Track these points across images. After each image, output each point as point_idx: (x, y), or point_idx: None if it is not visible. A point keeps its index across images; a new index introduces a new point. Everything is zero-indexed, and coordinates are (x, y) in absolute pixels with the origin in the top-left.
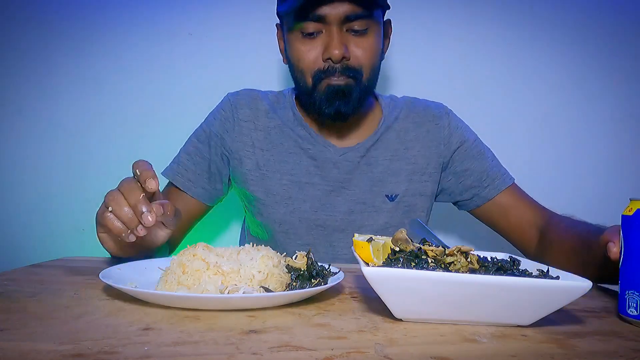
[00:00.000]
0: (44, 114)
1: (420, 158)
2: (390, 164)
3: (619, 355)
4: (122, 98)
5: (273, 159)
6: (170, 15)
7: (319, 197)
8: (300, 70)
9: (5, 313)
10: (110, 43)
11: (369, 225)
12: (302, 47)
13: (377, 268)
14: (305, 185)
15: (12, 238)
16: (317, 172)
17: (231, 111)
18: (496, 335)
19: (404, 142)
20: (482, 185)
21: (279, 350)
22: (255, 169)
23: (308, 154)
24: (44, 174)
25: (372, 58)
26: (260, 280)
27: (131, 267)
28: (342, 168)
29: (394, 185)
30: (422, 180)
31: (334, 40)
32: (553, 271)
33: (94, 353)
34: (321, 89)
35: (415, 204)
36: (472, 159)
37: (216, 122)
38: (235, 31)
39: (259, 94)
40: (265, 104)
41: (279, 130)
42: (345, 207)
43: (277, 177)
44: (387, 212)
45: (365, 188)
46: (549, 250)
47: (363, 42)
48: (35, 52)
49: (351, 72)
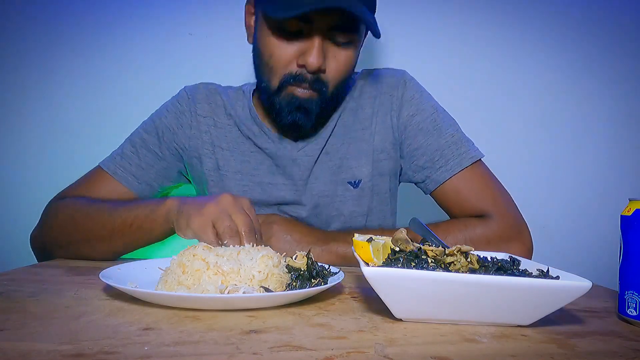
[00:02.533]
0: (44, 114)
1: (377, 135)
2: (348, 147)
3: (619, 355)
4: (122, 98)
5: (233, 158)
6: (170, 15)
7: (283, 196)
8: (269, 67)
9: (5, 313)
10: (110, 43)
11: (336, 217)
12: (279, 43)
13: (377, 268)
14: (267, 185)
15: (12, 238)
16: (278, 172)
17: (188, 105)
18: (496, 335)
19: (361, 121)
20: (434, 167)
21: (279, 350)
22: (214, 170)
23: (266, 152)
24: (44, 174)
25: (345, 73)
26: (260, 280)
27: (131, 267)
28: (302, 164)
29: (356, 170)
30: (382, 159)
31: (315, 48)
32: (553, 271)
33: (94, 353)
34: (285, 95)
35: (379, 185)
36: (426, 134)
37: (170, 116)
38: (235, 31)
39: (217, 88)
40: (223, 99)
41: (238, 129)
42: (311, 203)
43: (237, 177)
44: (352, 199)
45: (327, 179)
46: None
47: (341, 56)
48: (36, 52)
49: (319, 84)
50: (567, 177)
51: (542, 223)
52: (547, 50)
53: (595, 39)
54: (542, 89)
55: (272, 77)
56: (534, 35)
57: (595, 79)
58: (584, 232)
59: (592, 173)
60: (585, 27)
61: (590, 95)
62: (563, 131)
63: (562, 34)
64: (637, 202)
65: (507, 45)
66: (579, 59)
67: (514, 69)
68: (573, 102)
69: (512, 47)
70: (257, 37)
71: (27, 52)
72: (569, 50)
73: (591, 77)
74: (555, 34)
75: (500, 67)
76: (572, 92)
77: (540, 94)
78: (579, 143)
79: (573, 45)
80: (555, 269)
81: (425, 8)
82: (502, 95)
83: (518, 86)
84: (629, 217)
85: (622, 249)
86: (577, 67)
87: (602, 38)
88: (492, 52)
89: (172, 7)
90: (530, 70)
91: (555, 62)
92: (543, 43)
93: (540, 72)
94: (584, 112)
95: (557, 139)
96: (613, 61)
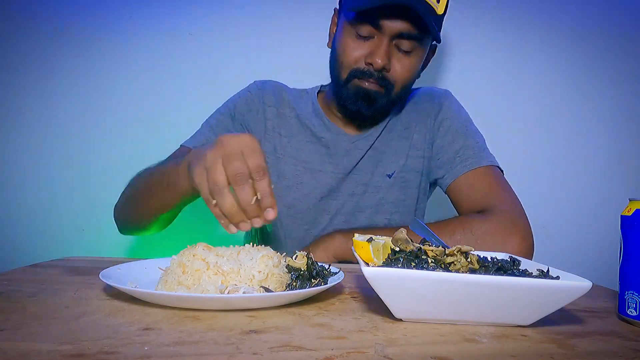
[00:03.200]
0: (44, 114)
1: (416, 134)
2: (391, 143)
3: (619, 355)
4: (122, 98)
5: (289, 145)
6: (170, 15)
7: (329, 183)
8: (340, 62)
9: (5, 313)
10: (110, 43)
11: (367, 206)
12: (352, 43)
13: (377, 268)
14: (317, 172)
15: (12, 238)
16: (329, 160)
17: (257, 94)
18: (496, 335)
19: (404, 122)
20: (454, 162)
21: (279, 350)
22: (271, 152)
23: (322, 142)
24: (44, 174)
25: (407, 77)
26: (260, 280)
27: (131, 267)
28: (353, 156)
29: (393, 163)
30: (417, 156)
31: (382, 50)
32: (553, 271)
33: (94, 353)
34: (351, 87)
35: (410, 180)
36: (454, 135)
37: (241, 101)
38: (235, 31)
39: (283, 86)
40: (288, 95)
41: (298, 120)
42: (349, 191)
43: (292, 162)
44: (384, 188)
45: (368, 171)
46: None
47: (404, 61)
48: (36, 52)
49: (384, 82)
50: (567, 177)
51: (542, 223)
52: (548, 51)
53: (596, 39)
54: (542, 89)
55: (342, 71)
56: (534, 35)
57: (596, 79)
58: (584, 232)
59: (592, 173)
60: (585, 27)
61: (590, 95)
62: (563, 131)
63: (562, 34)
64: (637, 202)
65: (507, 45)
66: (579, 59)
67: (513, 69)
68: (573, 102)
69: (512, 47)
70: (336, 40)
71: (27, 52)
72: (569, 50)
73: (591, 77)
74: (555, 34)
75: (500, 67)
76: (572, 92)
77: (540, 94)
78: (579, 143)
79: (573, 46)
80: (555, 269)
81: None
82: (502, 95)
83: (518, 86)
84: (629, 217)
85: (622, 249)
86: (577, 68)
87: (603, 38)
88: (492, 52)
89: (172, 7)
90: (530, 70)
91: (556, 62)
92: (543, 43)
93: (540, 72)
94: (584, 112)
95: (557, 139)
96: (613, 61)
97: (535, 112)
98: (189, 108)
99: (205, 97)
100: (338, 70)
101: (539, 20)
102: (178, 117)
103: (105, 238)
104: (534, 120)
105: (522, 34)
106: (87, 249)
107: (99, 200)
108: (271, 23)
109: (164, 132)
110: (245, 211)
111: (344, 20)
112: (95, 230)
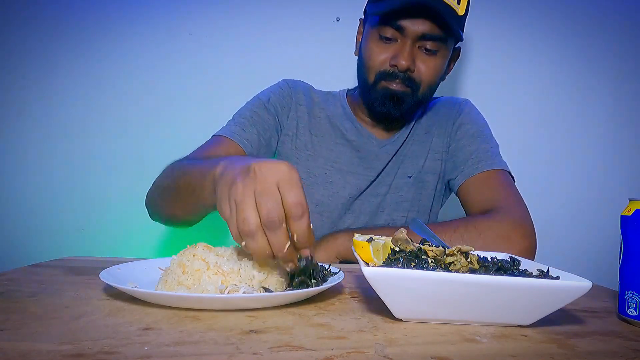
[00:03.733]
0: (44, 114)
1: (436, 137)
2: (412, 146)
3: (619, 355)
4: (122, 98)
5: (320, 145)
6: (170, 15)
7: (359, 185)
8: (367, 67)
9: (5, 313)
10: (110, 43)
11: (389, 204)
12: (376, 47)
13: (377, 268)
14: (347, 173)
15: (12, 238)
16: (360, 163)
17: (289, 92)
18: (496, 335)
19: (426, 127)
20: (467, 164)
21: (279, 350)
22: (303, 149)
23: (352, 145)
24: (44, 174)
25: (432, 77)
26: (260, 280)
27: (131, 267)
28: (381, 159)
29: (414, 165)
30: (435, 159)
31: (405, 52)
32: (553, 271)
33: (94, 353)
34: (379, 88)
35: (428, 181)
36: (470, 139)
37: (274, 96)
38: (235, 31)
39: (311, 87)
40: (318, 96)
41: (329, 122)
42: (373, 192)
43: (321, 161)
44: (405, 187)
45: (392, 173)
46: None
47: (429, 61)
48: (36, 52)
49: (410, 82)
50: (567, 177)
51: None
52: (547, 50)
53: (596, 39)
54: (541, 89)
55: (369, 75)
56: (534, 35)
57: (596, 79)
58: (584, 232)
59: (592, 173)
60: (585, 27)
61: (590, 95)
62: (563, 131)
63: (562, 34)
64: (637, 202)
65: (507, 45)
66: (579, 58)
67: (513, 69)
68: (573, 102)
69: (511, 47)
70: (362, 46)
71: (27, 52)
72: (569, 50)
73: (591, 77)
74: (555, 34)
75: (500, 67)
76: (572, 92)
77: (540, 94)
78: (579, 143)
79: (573, 45)
80: (556, 269)
81: None
82: (502, 95)
83: (518, 86)
84: (629, 217)
85: (622, 249)
86: (577, 67)
87: (603, 38)
88: (492, 52)
89: (172, 7)
90: (530, 70)
91: (556, 62)
92: (543, 43)
93: (540, 72)
94: (584, 112)
95: (557, 139)
96: (613, 61)
97: (535, 112)
98: (189, 108)
99: (205, 97)
100: (366, 74)
101: (538, 20)
102: (178, 117)
103: (105, 238)
104: (533, 120)
105: (521, 34)
106: (87, 249)
107: (99, 200)
108: (271, 23)
109: (164, 132)
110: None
111: (368, 27)
112: (95, 230)
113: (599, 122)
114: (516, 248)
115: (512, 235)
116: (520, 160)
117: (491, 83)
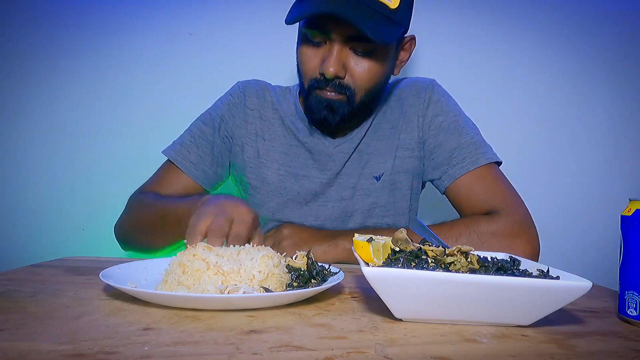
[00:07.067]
0: (44, 114)
1: (404, 133)
2: (376, 144)
3: (619, 355)
4: (122, 98)
5: (273, 149)
6: (170, 15)
7: (314, 188)
8: (301, 73)
9: (5, 313)
10: (110, 43)
11: (358, 210)
12: (307, 52)
13: (377, 268)
14: (301, 177)
15: (12, 238)
16: (314, 165)
17: (239, 98)
18: (496, 335)
19: (390, 120)
20: (451, 163)
21: (279, 350)
22: (254, 157)
23: (305, 147)
24: (44, 174)
25: (368, 81)
26: (260, 280)
27: (131, 267)
28: (337, 160)
29: (381, 165)
30: (405, 157)
31: (332, 57)
32: (553, 271)
33: (94, 353)
34: (313, 97)
35: (400, 182)
36: (447, 133)
37: (224, 107)
38: (235, 31)
39: (267, 85)
40: (272, 95)
41: (282, 123)
42: (337, 196)
43: (274, 167)
44: (374, 191)
45: (355, 174)
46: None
47: (363, 64)
48: (36, 53)
49: (343, 89)
50: (567, 177)
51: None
52: (548, 50)
53: (595, 39)
54: (542, 89)
55: (304, 81)
56: (534, 35)
57: (595, 79)
58: (584, 232)
59: (592, 173)
60: (585, 27)
61: (590, 95)
62: (563, 131)
63: (562, 34)
64: (637, 202)
65: (507, 45)
66: (579, 59)
67: (513, 69)
68: (573, 103)
69: (511, 47)
70: (296, 47)
71: (27, 52)
72: (569, 49)
73: (591, 77)
74: (555, 34)
75: (500, 67)
76: (572, 92)
77: (540, 94)
78: (579, 143)
79: (573, 45)
80: (556, 269)
81: (422, 8)
82: (501, 96)
83: (518, 86)
84: (629, 217)
85: (622, 249)
86: (577, 68)
87: (602, 38)
88: (492, 52)
89: (172, 7)
90: (531, 71)
91: (556, 62)
92: (543, 43)
93: (540, 73)
94: (584, 112)
95: (557, 139)
96: (613, 61)
97: (535, 112)
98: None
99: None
100: (302, 80)
101: (538, 19)
102: (178, 117)
103: (105, 238)
104: (534, 120)
105: (521, 34)
106: (87, 249)
107: (99, 200)
108: (271, 23)
109: (164, 132)
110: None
111: (300, 27)
112: (95, 230)
113: (599, 122)
114: (521, 252)
115: (517, 243)
116: (520, 160)
117: (491, 83)
